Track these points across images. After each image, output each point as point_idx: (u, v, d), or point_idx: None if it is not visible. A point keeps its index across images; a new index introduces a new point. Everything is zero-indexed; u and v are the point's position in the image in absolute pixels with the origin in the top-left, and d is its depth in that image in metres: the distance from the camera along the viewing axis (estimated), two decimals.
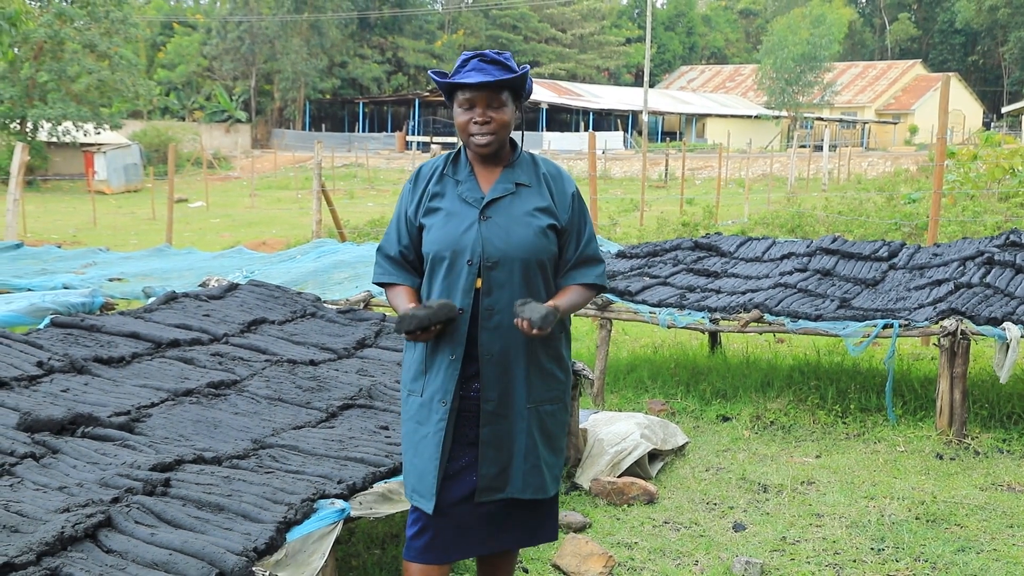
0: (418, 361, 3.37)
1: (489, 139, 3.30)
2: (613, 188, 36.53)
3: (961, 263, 7.68)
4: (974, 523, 5.15)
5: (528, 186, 3.40)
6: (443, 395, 3.29)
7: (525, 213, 3.35)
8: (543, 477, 3.39)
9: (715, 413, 7.31)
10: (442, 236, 3.31)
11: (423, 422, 3.33)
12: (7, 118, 42.32)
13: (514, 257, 3.29)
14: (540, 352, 3.37)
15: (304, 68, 62.69)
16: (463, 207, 3.34)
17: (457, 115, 3.35)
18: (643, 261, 8.81)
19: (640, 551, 4.85)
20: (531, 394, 3.35)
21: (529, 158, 3.47)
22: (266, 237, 20.39)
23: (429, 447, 3.30)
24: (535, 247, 3.32)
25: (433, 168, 3.45)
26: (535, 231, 3.33)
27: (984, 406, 7.00)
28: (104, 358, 5.19)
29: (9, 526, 3.08)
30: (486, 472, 3.32)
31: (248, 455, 4.02)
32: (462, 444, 3.32)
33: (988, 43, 78.58)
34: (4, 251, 12.05)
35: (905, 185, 29.02)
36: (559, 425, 3.47)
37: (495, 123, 3.29)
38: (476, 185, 3.37)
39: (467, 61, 3.32)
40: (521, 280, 3.30)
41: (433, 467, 3.28)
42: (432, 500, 3.28)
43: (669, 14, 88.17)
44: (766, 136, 61.10)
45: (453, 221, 3.32)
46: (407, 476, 3.41)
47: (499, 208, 3.33)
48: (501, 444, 3.32)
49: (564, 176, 3.50)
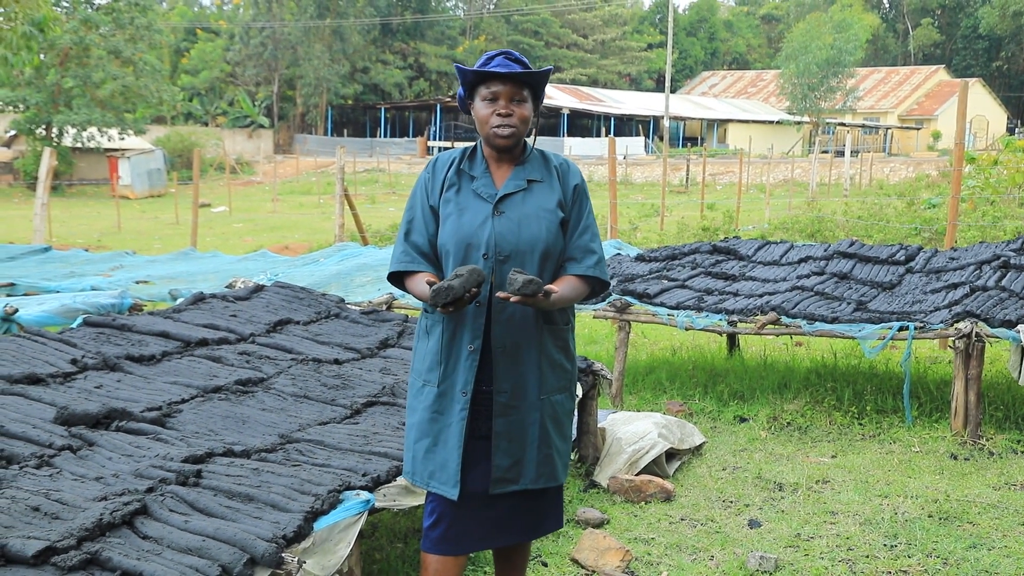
0: (435, 351, 3.41)
1: (511, 131, 3.36)
2: (634, 193, 36.60)
3: (977, 267, 7.75)
4: (986, 521, 5.22)
5: (540, 181, 3.46)
6: (463, 386, 3.34)
7: (537, 208, 3.41)
8: (554, 465, 3.47)
9: (732, 414, 7.40)
10: (456, 229, 3.37)
11: (443, 412, 3.38)
12: (33, 123, 42.80)
13: (525, 251, 3.35)
14: (549, 343, 3.44)
15: (326, 74, 63.05)
16: (477, 202, 3.39)
17: (479, 108, 3.39)
18: (662, 264, 8.91)
19: (657, 546, 4.95)
20: (543, 385, 3.42)
21: (539, 154, 3.54)
22: (288, 241, 20.58)
23: (452, 436, 3.35)
24: (546, 242, 3.38)
25: (450, 160, 3.51)
26: (547, 226, 3.39)
27: (999, 408, 7.06)
28: (136, 356, 5.34)
29: (50, 513, 3.22)
30: (500, 463, 3.37)
31: (275, 449, 4.16)
32: (474, 437, 3.37)
33: (1012, 48, 78.15)
34: (33, 254, 12.26)
35: (926, 190, 28.99)
36: (567, 413, 3.55)
37: (517, 116, 3.35)
38: (491, 181, 3.44)
39: (492, 58, 3.40)
40: (533, 274, 3.34)
41: (456, 455, 3.33)
42: (456, 487, 3.33)
43: (691, 19, 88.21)
44: (788, 141, 60.98)
45: (467, 215, 3.38)
46: (423, 465, 3.43)
47: (512, 203, 3.39)
48: (514, 436, 3.38)
49: (572, 169, 3.57)
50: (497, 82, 3.35)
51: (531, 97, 3.42)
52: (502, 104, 3.35)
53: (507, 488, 3.40)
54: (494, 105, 3.36)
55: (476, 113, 3.41)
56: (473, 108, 3.44)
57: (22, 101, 42.15)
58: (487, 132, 3.39)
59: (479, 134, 3.47)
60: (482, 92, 3.38)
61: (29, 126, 42.91)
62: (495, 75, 3.35)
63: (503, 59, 3.39)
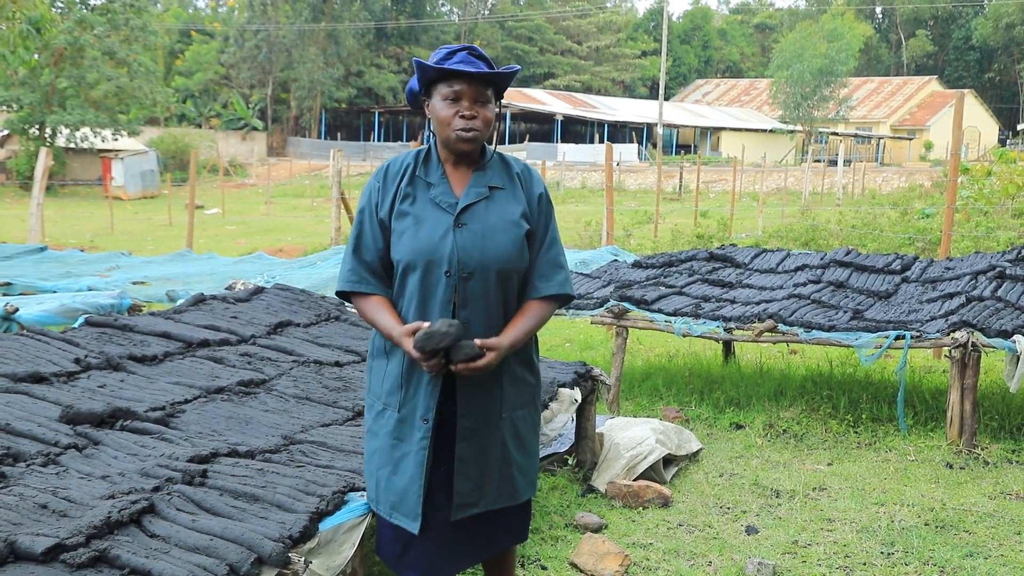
0: (395, 375, 3.24)
1: (473, 134, 3.13)
2: (627, 200, 36.67)
3: (973, 277, 7.80)
4: (982, 530, 5.26)
5: (502, 188, 3.25)
6: (424, 412, 3.19)
7: (501, 220, 3.19)
8: (515, 484, 3.35)
9: (728, 421, 7.42)
10: (416, 244, 3.14)
11: (403, 439, 3.23)
12: (26, 123, 42.76)
13: (490, 267, 3.15)
14: (511, 360, 3.27)
15: (320, 77, 63.12)
16: (436, 212, 3.17)
17: (439, 108, 3.15)
18: (659, 271, 8.94)
19: (655, 551, 4.97)
20: (505, 403, 3.28)
21: (499, 159, 3.32)
22: (282, 244, 20.58)
23: (411, 466, 3.21)
24: (511, 257, 3.18)
25: (403, 166, 3.27)
26: (511, 240, 3.19)
27: (994, 417, 7.11)
28: (138, 356, 5.36)
29: (58, 511, 3.24)
30: (461, 488, 3.23)
31: (279, 450, 4.17)
32: (435, 462, 3.23)
33: (1004, 60, 78.57)
34: (28, 254, 12.26)
35: (919, 200, 29.09)
36: (531, 428, 3.41)
37: (480, 119, 3.14)
38: (449, 188, 3.21)
39: (453, 53, 3.15)
40: (496, 291, 3.18)
41: (417, 487, 3.20)
42: (418, 520, 3.21)
43: (685, 27, 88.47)
44: (781, 150, 61.18)
45: (426, 227, 3.15)
46: (383, 494, 3.31)
47: (474, 215, 3.17)
48: (476, 459, 3.24)
49: (535, 176, 3.35)
50: (461, 81, 3.11)
51: (494, 97, 3.20)
52: (465, 105, 3.12)
53: (467, 513, 3.27)
54: (456, 105, 3.12)
55: (435, 113, 3.17)
56: (430, 107, 3.20)
57: (16, 101, 42.14)
58: (447, 134, 3.15)
59: (435, 135, 3.24)
60: (443, 91, 3.14)
61: (22, 126, 42.88)
62: (460, 74, 3.11)
63: (466, 55, 3.15)
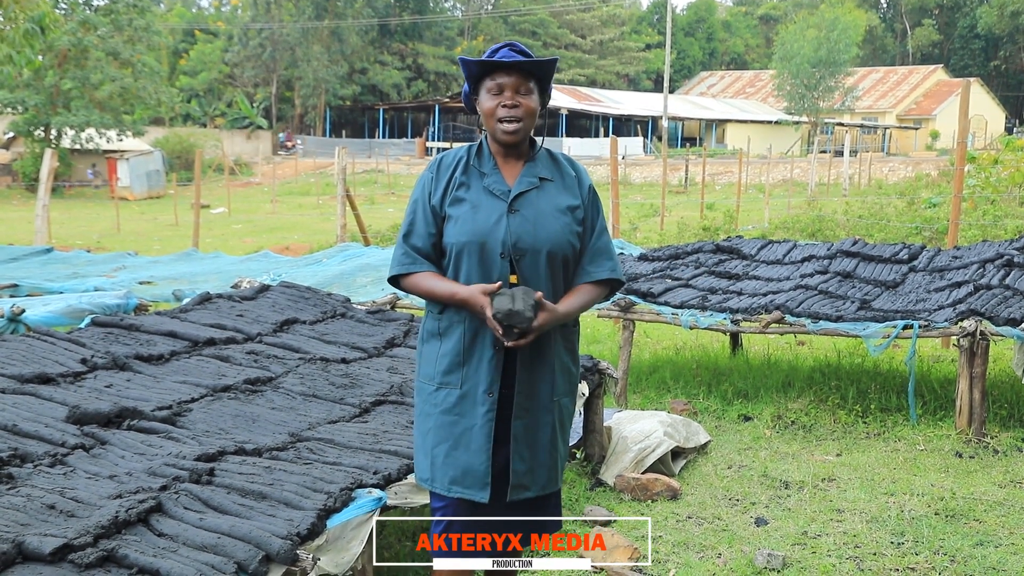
0: (455, 352, 3.30)
1: (517, 125, 3.26)
2: (633, 193, 36.61)
3: (981, 265, 7.77)
4: (992, 518, 5.24)
5: (551, 180, 3.37)
6: (488, 386, 3.25)
7: (551, 207, 3.32)
8: (557, 470, 3.42)
9: (737, 413, 7.41)
10: (471, 227, 3.26)
11: (464, 414, 3.27)
12: (32, 125, 42.78)
13: (541, 251, 3.26)
14: (561, 346, 3.38)
15: (325, 75, 63.09)
16: (490, 199, 3.29)
17: (484, 101, 3.29)
18: (665, 264, 8.92)
19: (664, 544, 4.96)
20: (555, 388, 3.36)
21: (547, 153, 3.45)
22: (289, 242, 20.55)
23: (478, 439, 3.25)
24: (561, 242, 3.30)
25: (457, 158, 3.39)
26: (561, 226, 3.31)
27: (1003, 406, 7.09)
28: (144, 355, 5.36)
29: (66, 511, 3.24)
30: (517, 468, 3.28)
31: (287, 447, 4.17)
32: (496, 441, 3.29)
33: (1010, 48, 78.28)
34: (35, 255, 12.28)
35: (926, 190, 29.03)
36: (570, 416, 3.49)
37: (523, 108, 3.26)
38: (501, 178, 3.33)
39: (497, 50, 3.30)
40: (547, 274, 3.28)
41: (484, 458, 3.25)
42: (487, 490, 3.25)
43: (689, 20, 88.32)
44: (786, 141, 60.99)
45: (482, 212, 3.27)
46: (443, 471, 3.31)
47: (526, 201, 3.30)
48: (529, 440, 3.30)
49: (581, 170, 3.50)
50: (502, 73, 3.26)
51: (538, 90, 3.32)
52: (508, 96, 3.26)
53: (521, 495, 3.31)
54: (499, 97, 3.26)
55: (481, 107, 3.32)
56: (478, 103, 3.34)
57: (20, 103, 42.13)
58: (493, 126, 3.29)
59: (485, 129, 3.37)
60: (487, 84, 3.29)
61: (28, 128, 42.89)
62: (500, 65, 3.25)
63: (508, 51, 3.29)
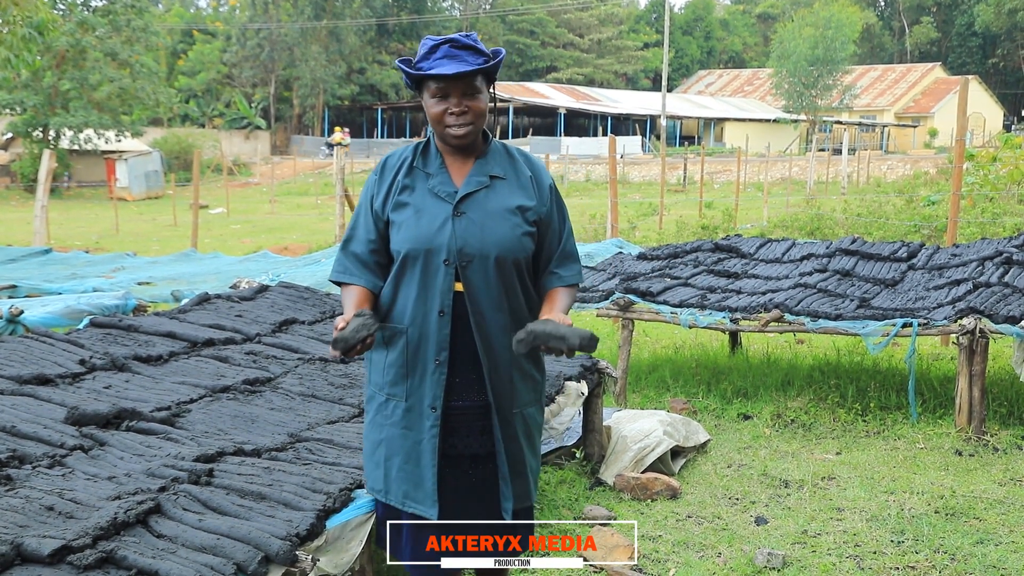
0: (399, 364, 3.17)
1: (467, 130, 3.10)
2: (631, 192, 36.61)
3: (980, 263, 7.77)
4: (993, 517, 5.24)
5: (503, 178, 3.20)
6: (432, 401, 3.13)
7: (501, 208, 3.15)
8: (528, 484, 3.29)
9: (736, 412, 7.41)
10: (414, 234, 3.10)
11: (412, 427, 3.17)
12: (30, 126, 42.77)
13: (489, 256, 3.10)
14: (522, 356, 3.20)
15: (323, 74, 63.03)
16: (435, 202, 3.13)
17: (430, 105, 3.10)
18: (664, 263, 8.92)
19: (664, 543, 4.96)
20: (517, 398, 3.22)
21: (501, 148, 3.27)
22: (287, 242, 20.55)
23: (425, 454, 3.15)
24: (511, 245, 3.13)
25: (401, 159, 3.23)
26: (511, 227, 3.14)
27: (1003, 404, 7.08)
28: (143, 356, 5.36)
29: (65, 512, 3.23)
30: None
31: (286, 448, 4.17)
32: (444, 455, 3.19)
33: (1008, 46, 78.30)
34: (33, 256, 12.29)
35: (925, 188, 29.01)
36: (538, 427, 3.35)
37: (472, 112, 3.09)
38: (448, 178, 3.17)
39: (436, 47, 3.07)
40: (496, 281, 3.12)
41: (431, 474, 3.14)
42: (435, 507, 3.14)
43: (687, 18, 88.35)
44: (785, 140, 61.00)
45: (425, 217, 3.11)
46: (394, 484, 3.22)
47: (473, 203, 3.13)
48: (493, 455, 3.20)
49: (540, 167, 3.32)
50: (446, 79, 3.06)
51: (485, 84, 3.14)
52: (454, 101, 3.08)
53: None
54: (446, 102, 3.09)
55: (428, 109, 3.13)
56: (423, 102, 3.16)
57: (19, 104, 42.13)
58: (441, 131, 3.14)
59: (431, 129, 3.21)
60: (431, 88, 3.09)
61: (26, 128, 42.88)
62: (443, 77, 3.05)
63: (449, 48, 3.07)
